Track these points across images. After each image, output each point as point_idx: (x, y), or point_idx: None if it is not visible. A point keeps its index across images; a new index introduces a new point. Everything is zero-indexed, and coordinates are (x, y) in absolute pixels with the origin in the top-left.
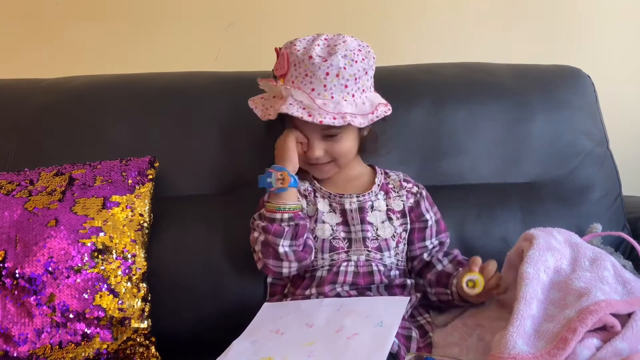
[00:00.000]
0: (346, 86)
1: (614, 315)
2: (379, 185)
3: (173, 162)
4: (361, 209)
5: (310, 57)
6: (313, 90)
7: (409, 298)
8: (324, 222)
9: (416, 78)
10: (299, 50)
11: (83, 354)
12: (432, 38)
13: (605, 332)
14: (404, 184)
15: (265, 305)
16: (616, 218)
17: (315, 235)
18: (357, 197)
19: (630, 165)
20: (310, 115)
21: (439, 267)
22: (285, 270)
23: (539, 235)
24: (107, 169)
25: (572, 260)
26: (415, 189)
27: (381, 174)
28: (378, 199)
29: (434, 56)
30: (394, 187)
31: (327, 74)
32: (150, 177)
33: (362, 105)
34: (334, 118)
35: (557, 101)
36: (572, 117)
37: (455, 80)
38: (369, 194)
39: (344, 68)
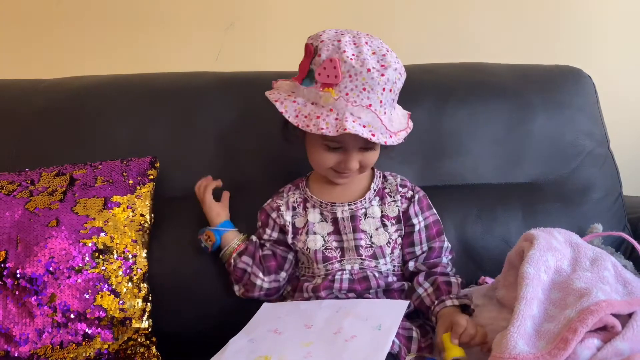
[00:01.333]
0: (394, 100)
1: (615, 315)
2: (374, 190)
3: (174, 162)
4: (353, 217)
5: (369, 70)
6: (370, 106)
7: (408, 302)
8: (315, 233)
9: (417, 78)
10: (352, 59)
11: (84, 354)
12: (432, 38)
13: (605, 332)
14: (400, 188)
15: (265, 305)
16: (617, 218)
17: (307, 247)
18: (349, 205)
19: (631, 166)
20: (373, 135)
21: (420, 291)
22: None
23: (540, 235)
24: (108, 170)
25: (573, 260)
26: (409, 194)
27: (379, 177)
28: (372, 205)
29: (435, 56)
30: (390, 192)
31: (384, 89)
32: (151, 177)
33: (398, 117)
34: (390, 136)
35: (558, 101)
36: (573, 117)
37: (456, 81)
38: (361, 201)
39: (395, 82)
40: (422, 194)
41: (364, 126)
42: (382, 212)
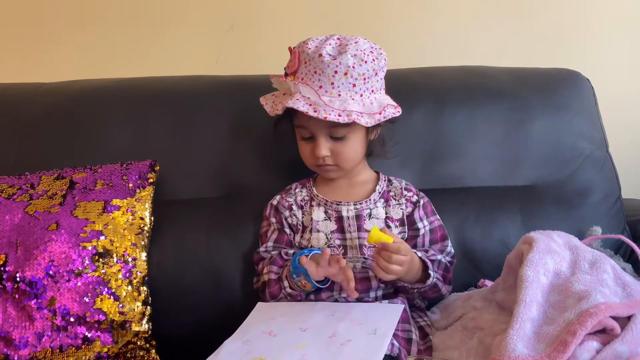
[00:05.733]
0: (354, 85)
1: (614, 318)
2: (379, 193)
3: (174, 165)
4: (358, 217)
5: (320, 55)
6: (321, 87)
7: (403, 306)
8: (318, 231)
9: (416, 81)
10: (310, 48)
11: (84, 358)
12: (431, 41)
13: (605, 334)
14: (405, 192)
15: (259, 304)
16: (616, 221)
17: (311, 245)
18: (355, 204)
19: (629, 168)
20: (315, 111)
21: None
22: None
23: (539, 238)
24: (107, 173)
25: (572, 263)
26: (415, 198)
27: (384, 181)
28: (377, 206)
29: (434, 59)
30: (395, 195)
31: (336, 72)
32: (151, 180)
33: (370, 105)
34: (339, 115)
35: (556, 104)
36: (572, 120)
37: (455, 84)
38: (366, 201)
39: (353, 67)
40: (427, 200)
41: (310, 105)
42: (386, 213)
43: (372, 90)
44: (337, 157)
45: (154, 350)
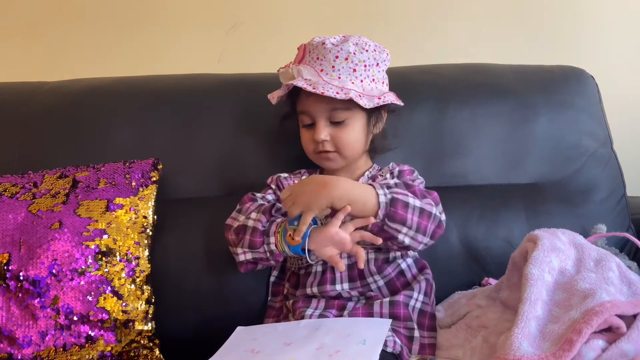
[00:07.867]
0: (355, 70)
1: (619, 316)
2: (368, 177)
3: (176, 164)
4: None
5: (324, 43)
6: (322, 70)
7: (390, 320)
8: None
9: (419, 79)
10: (315, 41)
11: (87, 357)
12: (434, 39)
13: (610, 333)
14: (393, 171)
15: (239, 329)
16: (621, 219)
17: None
18: None
19: (634, 166)
20: (314, 88)
21: None
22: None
23: (543, 236)
24: (110, 172)
25: (577, 261)
26: (396, 170)
27: (376, 169)
28: None
29: (437, 57)
30: (382, 173)
31: (337, 57)
32: (154, 179)
33: (370, 90)
34: (337, 93)
35: (560, 102)
36: (576, 117)
37: (458, 81)
38: None
39: (354, 53)
40: (408, 169)
41: (310, 84)
42: None
43: (373, 80)
44: (337, 142)
45: (157, 349)
